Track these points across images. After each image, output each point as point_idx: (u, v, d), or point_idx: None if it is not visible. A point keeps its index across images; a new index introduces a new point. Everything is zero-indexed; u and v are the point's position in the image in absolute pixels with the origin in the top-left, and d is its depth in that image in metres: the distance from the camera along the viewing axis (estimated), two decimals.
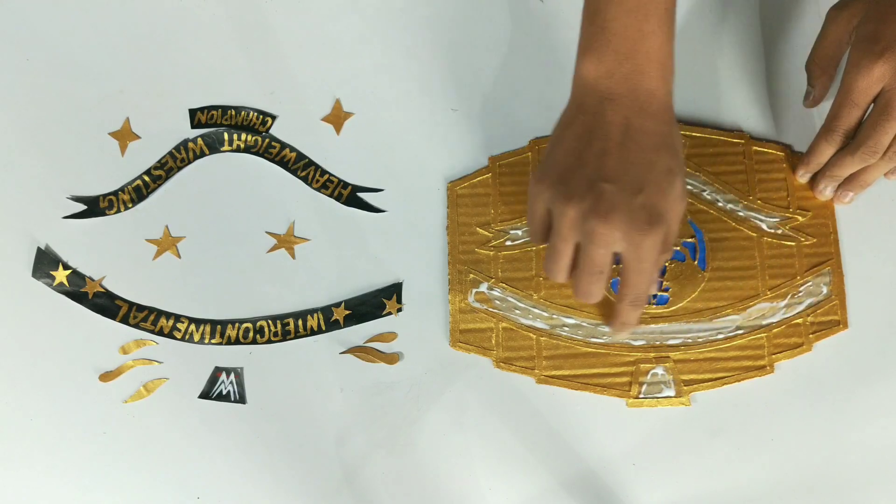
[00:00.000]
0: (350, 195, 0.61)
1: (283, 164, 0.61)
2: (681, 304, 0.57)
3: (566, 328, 0.57)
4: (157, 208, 0.61)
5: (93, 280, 0.59)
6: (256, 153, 0.62)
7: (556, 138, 0.49)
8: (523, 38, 0.63)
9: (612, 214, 0.45)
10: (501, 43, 0.64)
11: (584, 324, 0.57)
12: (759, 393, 0.56)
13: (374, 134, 0.62)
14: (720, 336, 0.57)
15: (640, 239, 0.46)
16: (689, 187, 0.59)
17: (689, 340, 0.57)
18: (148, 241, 0.60)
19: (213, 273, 0.59)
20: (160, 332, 0.58)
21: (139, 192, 0.61)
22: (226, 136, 0.62)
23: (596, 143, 0.47)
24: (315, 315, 0.58)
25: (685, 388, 0.56)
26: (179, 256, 0.60)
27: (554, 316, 0.58)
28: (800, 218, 0.59)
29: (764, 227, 0.59)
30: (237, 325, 0.58)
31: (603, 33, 0.48)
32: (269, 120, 0.62)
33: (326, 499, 0.55)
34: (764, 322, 0.57)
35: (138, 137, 0.62)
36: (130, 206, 0.61)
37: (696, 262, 0.58)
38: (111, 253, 0.60)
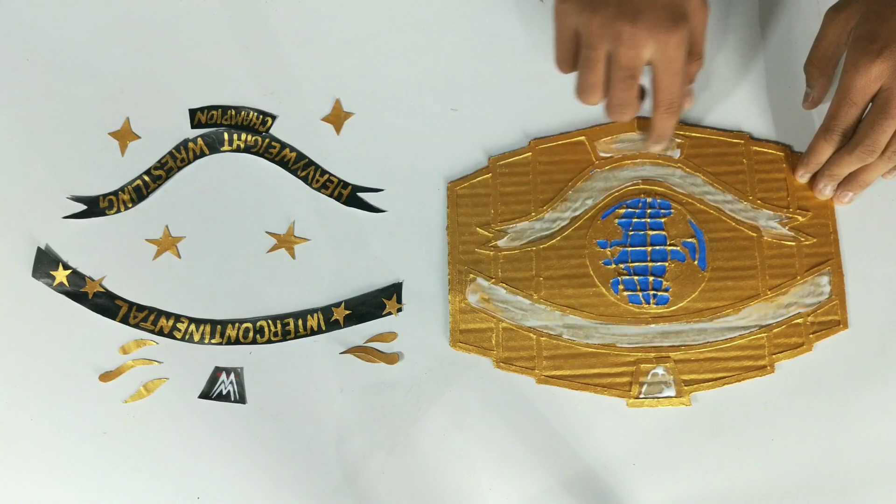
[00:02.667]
0: (350, 195, 0.61)
1: (283, 164, 0.61)
2: (681, 304, 0.57)
3: (566, 328, 0.57)
4: (157, 208, 0.61)
5: (93, 280, 0.59)
6: (256, 153, 0.62)
7: None
8: (523, 38, 0.63)
9: (637, 16, 0.49)
10: (502, 43, 0.64)
11: (584, 324, 0.57)
12: (759, 393, 0.56)
13: (374, 134, 0.62)
14: (720, 336, 0.57)
15: (665, 37, 0.49)
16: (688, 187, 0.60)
17: (690, 340, 0.57)
18: (148, 241, 0.60)
19: (213, 273, 0.59)
20: (160, 332, 0.58)
21: (139, 192, 0.61)
22: (226, 136, 0.62)
23: None
24: (315, 315, 0.58)
25: (685, 388, 0.56)
26: (179, 256, 0.60)
27: (554, 316, 0.58)
28: (800, 218, 0.59)
29: (764, 226, 0.59)
30: (237, 325, 0.58)
31: None
32: (269, 120, 0.62)
33: (326, 499, 0.55)
34: (764, 322, 0.57)
35: (138, 137, 0.62)
36: (130, 206, 0.61)
37: (696, 262, 0.58)
38: (111, 253, 0.60)
